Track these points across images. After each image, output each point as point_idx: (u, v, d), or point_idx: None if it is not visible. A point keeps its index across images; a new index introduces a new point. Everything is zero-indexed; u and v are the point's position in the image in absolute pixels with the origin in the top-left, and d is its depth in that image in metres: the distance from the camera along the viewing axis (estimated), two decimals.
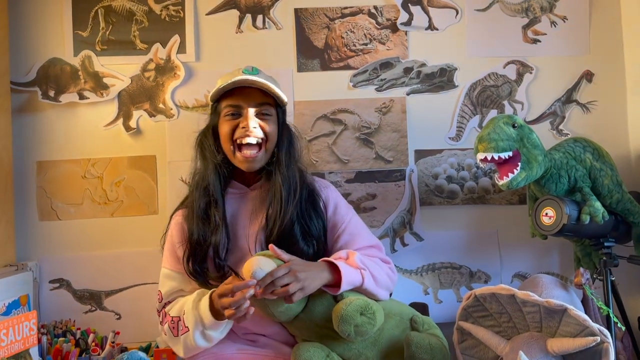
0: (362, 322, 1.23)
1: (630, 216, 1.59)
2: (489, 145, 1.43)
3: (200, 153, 1.47)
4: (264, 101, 1.41)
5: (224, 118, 1.42)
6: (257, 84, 1.38)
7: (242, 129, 1.38)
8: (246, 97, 1.40)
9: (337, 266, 1.29)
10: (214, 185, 1.41)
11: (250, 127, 1.37)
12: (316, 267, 1.30)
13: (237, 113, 1.40)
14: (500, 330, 1.35)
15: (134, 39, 1.83)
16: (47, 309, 1.77)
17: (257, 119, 1.40)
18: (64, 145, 1.82)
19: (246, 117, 1.38)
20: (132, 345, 1.66)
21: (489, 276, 1.84)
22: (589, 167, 1.55)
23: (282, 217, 1.37)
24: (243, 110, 1.40)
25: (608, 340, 1.19)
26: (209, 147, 1.45)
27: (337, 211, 1.48)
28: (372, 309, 1.25)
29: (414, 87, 1.87)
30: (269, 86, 1.38)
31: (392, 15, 1.88)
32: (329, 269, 1.30)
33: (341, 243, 1.44)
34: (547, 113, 1.88)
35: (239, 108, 1.40)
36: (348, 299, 1.26)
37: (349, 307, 1.24)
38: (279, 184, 1.39)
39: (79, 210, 1.81)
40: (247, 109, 1.39)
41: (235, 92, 1.40)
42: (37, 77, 1.80)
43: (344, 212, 1.49)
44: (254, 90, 1.40)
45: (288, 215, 1.37)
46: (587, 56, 1.90)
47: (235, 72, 1.42)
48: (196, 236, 1.38)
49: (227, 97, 1.41)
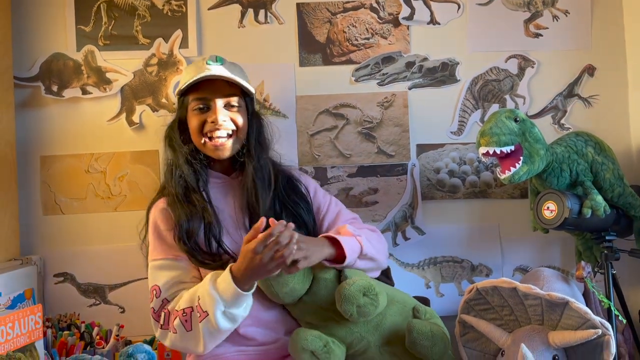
0: (365, 303, 1.25)
1: (632, 210, 1.60)
2: (491, 140, 1.44)
3: (169, 145, 1.47)
4: (231, 92, 1.40)
5: (192, 112, 1.41)
6: (220, 77, 1.37)
7: (211, 123, 1.38)
8: (213, 89, 1.39)
9: (336, 240, 1.30)
10: (187, 174, 1.40)
11: (219, 121, 1.37)
12: (317, 241, 1.33)
13: (205, 106, 1.40)
14: (502, 323, 1.36)
15: (137, 33, 1.84)
16: (51, 302, 1.78)
17: (225, 111, 1.40)
18: (68, 140, 1.82)
19: (214, 111, 1.38)
20: (136, 339, 1.66)
21: (491, 270, 1.85)
22: (591, 161, 1.55)
23: (260, 207, 1.37)
24: (211, 103, 1.39)
25: (609, 333, 1.20)
26: (176, 140, 1.44)
27: (317, 194, 1.52)
28: (375, 291, 1.27)
29: (416, 81, 1.87)
30: (235, 79, 1.38)
31: (394, 9, 1.88)
32: (329, 244, 1.32)
33: (327, 222, 1.48)
34: (548, 107, 1.89)
35: (206, 101, 1.40)
36: (351, 279, 1.28)
37: (352, 287, 1.25)
38: (251, 173, 1.40)
39: (83, 205, 1.82)
40: (215, 101, 1.39)
41: (202, 85, 1.39)
42: (40, 72, 1.81)
43: (322, 194, 1.53)
44: (220, 82, 1.39)
45: (266, 204, 1.38)
46: (589, 50, 1.90)
47: (200, 63, 1.42)
48: (184, 217, 1.37)
49: (194, 91, 1.41)
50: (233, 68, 1.43)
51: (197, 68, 1.41)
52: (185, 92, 1.42)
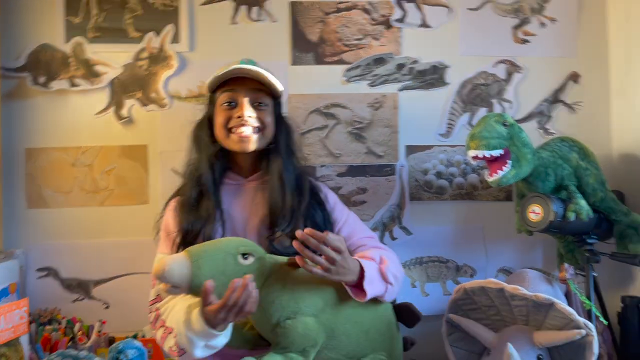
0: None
1: (613, 214, 1.65)
2: (480, 143, 1.46)
3: (195, 144, 1.48)
4: (260, 89, 1.42)
5: (219, 108, 1.43)
6: (252, 72, 1.39)
7: (237, 118, 1.39)
8: (242, 86, 1.41)
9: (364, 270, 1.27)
10: (206, 177, 1.41)
11: (245, 116, 1.39)
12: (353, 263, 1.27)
13: (233, 102, 1.41)
14: (489, 323, 1.39)
15: (127, 27, 1.82)
16: (33, 297, 1.74)
17: (252, 109, 1.41)
18: (54, 132, 1.79)
19: (241, 107, 1.40)
20: (119, 335, 1.65)
21: (475, 270, 1.88)
22: (575, 166, 1.59)
23: (280, 209, 1.38)
24: (239, 99, 1.41)
25: (592, 334, 1.23)
26: (204, 138, 1.45)
27: (336, 207, 1.52)
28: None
29: (406, 83, 1.89)
30: (264, 75, 1.39)
31: (387, 11, 1.89)
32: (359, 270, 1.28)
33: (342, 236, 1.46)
34: (534, 112, 1.93)
35: (234, 97, 1.41)
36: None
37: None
38: (278, 168, 1.41)
39: (68, 199, 1.79)
40: (243, 98, 1.40)
41: (231, 82, 1.41)
42: (27, 63, 1.77)
43: (341, 207, 1.53)
44: (249, 80, 1.41)
45: (286, 207, 1.38)
46: (574, 58, 1.94)
47: (232, 64, 1.43)
48: (186, 226, 1.39)
49: (223, 88, 1.42)
50: (265, 69, 1.44)
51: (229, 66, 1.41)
52: (215, 90, 1.44)
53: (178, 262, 1.14)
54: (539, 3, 1.93)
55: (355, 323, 1.30)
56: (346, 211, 1.54)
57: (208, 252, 1.18)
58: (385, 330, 1.37)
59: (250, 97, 1.41)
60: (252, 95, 1.41)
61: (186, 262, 1.15)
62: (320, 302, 1.26)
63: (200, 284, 1.14)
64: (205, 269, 1.16)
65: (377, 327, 1.35)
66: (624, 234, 1.64)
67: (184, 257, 1.16)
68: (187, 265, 1.15)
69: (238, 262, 1.20)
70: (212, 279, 1.15)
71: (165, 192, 1.62)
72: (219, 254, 1.19)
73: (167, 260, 1.14)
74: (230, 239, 1.26)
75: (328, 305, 1.27)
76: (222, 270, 1.18)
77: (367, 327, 1.32)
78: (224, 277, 1.17)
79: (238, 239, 1.27)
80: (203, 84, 1.81)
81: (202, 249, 1.20)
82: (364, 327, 1.31)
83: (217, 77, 1.41)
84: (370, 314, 1.33)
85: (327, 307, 1.27)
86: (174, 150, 1.77)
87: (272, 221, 1.38)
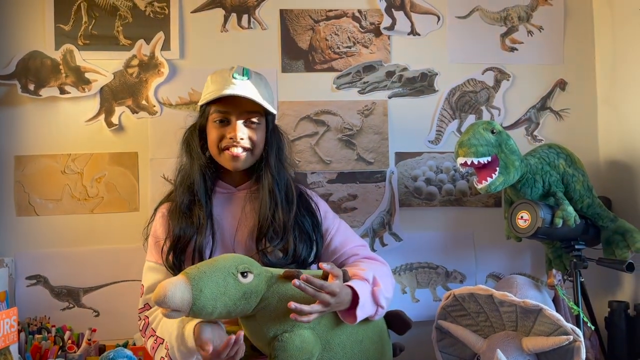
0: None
1: (600, 220, 1.67)
2: (469, 150, 1.48)
3: (186, 151, 1.48)
4: (253, 110, 1.41)
5: (212, 123, 1.43)
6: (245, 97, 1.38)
7: (229, 139, 1.39)
8: (235, 105, 1.40)
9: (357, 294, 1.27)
10: (198, 184, 1.42)
11: (237, 139, 1.39)
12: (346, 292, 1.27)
13: (225, 120, 1.41)
14: (478, 329, 1.40)
15: (118, 34, 1.82)
16: (23, 305, 1.73)
17: (245, 129, 1.41)
18: (44, 139, 1.78)
19: (234, 128, 1.39)
20: (109, 343, 1.64)
21: (464, 276, 1.90)
22: (562, 173, 1.61)
23: (273, 216, 1.38)
24: (231, 118, 1.41)
25: (580, 339, 1.25)
26: (195, 147, 1.46)
27: (327, 216, 1.53)
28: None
29: (396, 90, 1.91)
30: (259, 100, 1.39)
31: (376, 19, 1.91)
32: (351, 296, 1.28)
33: (334, 245, 1.48)
34: (522, 119, 1.95)
35: (227, 115, 1.41)
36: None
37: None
38: (269, 182, 1.41)
39: (58, 206, 1.79)
40: (235, 119, 1.40)
41: (224, 98, 1.40)
42: (16, 70, 1.76)
43: (332, 216, 1.54)
44: (242, 99, 1.39)
45: (280, 213, 1.39)
46: (561, 65, 1.97)
47: (226, 74, 1.42)
48: (178, 232, 1.39)
49: (216, 103, 1.42)
50: (259, 83, 1.44)
51: (223, 80, 1.41)
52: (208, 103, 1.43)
53: (179, 287, 1.12)
54: (526, 11, 1.95)
55: (350, 334, 1.32)
56: (337, 220, 1.55)
57: (207, 274, 1.16)
58: (377, 339, 1.39)
59: (243, 118, 1.41)
60: (244, 116, 1.41)
61: (187, 286, 1.13)
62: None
63: (201, 306, 1.14)
64: (207, 292, 1.14)
65: (370, 336, 1.37)
66: (610, 240, 1.66)
67: (184, 280, 1.14)
68: (188, 290, 1.13)
69: (238, 281, 1.19)
70: (214, 300, 1.15)
71: (155, 200, 1.62)
72: (219, 274, 1.17)
73: (167, 285, 1.12)
74: (226, 258, 1.24)
75: (324, 317, 1.28)
76: (223, 291, 1.16)
77: (361, 337, 1.34)
78: (226, 297, 1.17)
79: (234, 256, 1.25)
80: (194, 91, 1.81)
81: (201, 270, 1.18)
82: (358, 337, 1.33)
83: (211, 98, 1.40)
84: (363, 324, 1.34)
85: (323, 319, 1.28)
86: (165, 158, 1.78)
87: (262, 234, 1.39)
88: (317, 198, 1.57)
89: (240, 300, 1.19)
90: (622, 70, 1.86)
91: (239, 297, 1.18)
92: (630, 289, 1.81)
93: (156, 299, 1.11)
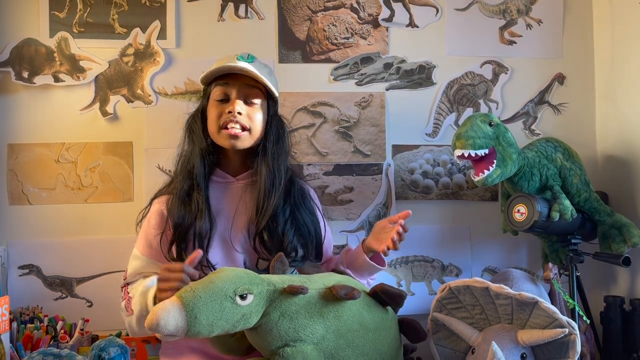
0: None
1: (596, 214, 1.66)
2: (466, 143, 1.47)
3: (189, 136, 1.48)
4: (253, 86, 1.42)
5: (213, 102, 1.44)
6: (245, 71, 1.39)
7: (228, 113, 1.39)
8: (236, 83, 1.41)
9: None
10: (198, 169, 1.42)
11: (235, 112, 1.38)
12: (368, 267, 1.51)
13: (226, 99, 1.42)
14: (473, 322, 1.40)
15: (113, 22, 1.80)
16: (15, 295, 1.72)
17: (244, 105, 1.41)
18: (37, 128, 1.76)
19: (233, 103, 1.40)
20: (102, 333, 1.63)
21: (460, 270, 1.89)
22: (560, 167, 1.61)
23: (267, 209, 1.38)
24: (231, 94, 1.41)
25: (575, 332, 1.24)
26: (197, 130, 1.46)
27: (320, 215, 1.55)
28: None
29: (393, 82, 1.89)
30: (258, 75, 1.39)
31: (374, 10, 1.89)
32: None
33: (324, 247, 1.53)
34: (520, 113, 1.94)
35: (227, 91, 1.42)
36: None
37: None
38: (263, 175, 1.41)
39: (52, 195, 1.77)
40: (235, 93, 1.41)
41: (227, 77, 1.42)
42: (10, 57, 1.74)
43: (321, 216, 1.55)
44: (245, 78, 1.41)
45: (272, 207, 1.38)
46: (560, 59, 1.96)
47: (231, 58, 1.43)
48: (177, 220, 1.38)
49: (218, 82, 1.43)
50: (262, 68, 1.44)
51: (227, 60, 1.42)
52: (210, 83, 1.44)
53: (172, 314, 1.07)
54: (525, 5, 1.94)
55: (356, 347, 1.25)
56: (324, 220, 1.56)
57: (203, 299, 1.09)
58: (387, 350, 1.31)
59: (242, 93, 1.41)
60: (244, 91, 1.42)
61: (181, 312, 1.08)
62: (321, 330, 1.20)
63: (197, 332, 1.09)
64: (202, 318, 1.09)
65: (378, 348, 1.29)
66: (607, 234, 1.66)
67: (178, 306, 1.08)
68: (182, 316, 1.07)
69: (236, 304, 1.12)
70: (210, 325, 1.10)
71: (150, 190, 1.61)
72: (215, 299, 1.10)
73: (160, 312, 1.06)
74: (224, 278, 1.15)
75: (329, 332, 1.21)
76: (220, 316, 1.11)
77: (368, 349, 1.27)
78: (222, 321, 1.11)
79: (233, 275, 1.16)
80: (190, 81, 1.80)
81: (196, 294, 1.10)
82: (365, 350, 1.26)
83: (212, 71, 1.41)
84: (371, 336, 1.28)
85: (328, 334, 1.22)
86: (160, 147, 1.76)
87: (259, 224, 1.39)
88: (314, 194, 1.58)
89: (238, 322, 1.14)
90: (620, 65, 1.85)
91: (237, 320, 1.13)
92: (625, 285, 1.81)
93: (149, 325, 1.06)
